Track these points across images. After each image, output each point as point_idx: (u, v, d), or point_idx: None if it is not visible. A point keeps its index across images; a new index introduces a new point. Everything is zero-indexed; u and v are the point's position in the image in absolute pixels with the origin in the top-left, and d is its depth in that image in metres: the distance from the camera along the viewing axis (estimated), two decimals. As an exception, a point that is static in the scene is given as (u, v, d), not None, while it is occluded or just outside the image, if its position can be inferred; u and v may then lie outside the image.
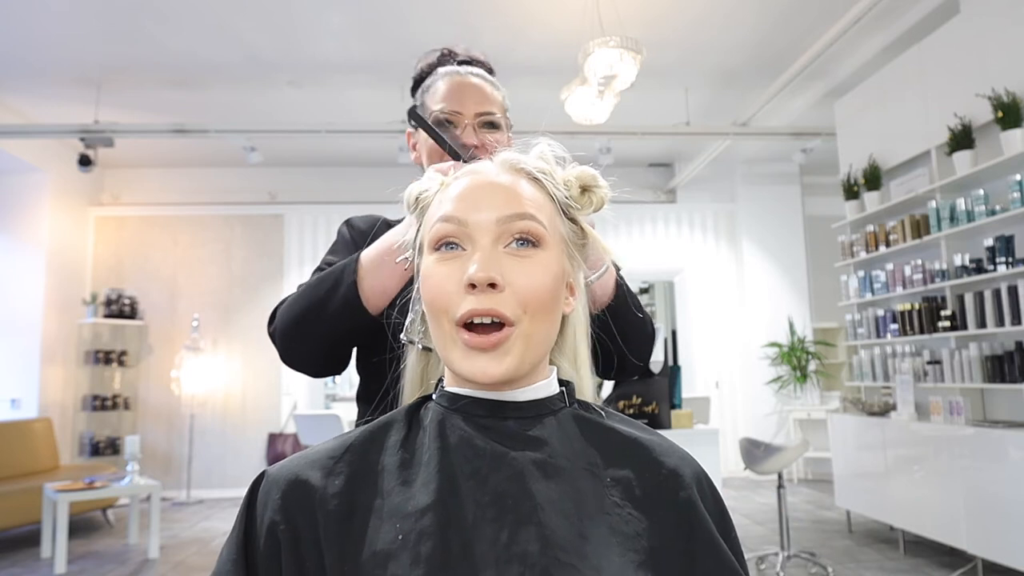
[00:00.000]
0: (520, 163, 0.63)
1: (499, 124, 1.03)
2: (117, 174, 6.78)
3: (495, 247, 0.58)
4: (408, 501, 0.54)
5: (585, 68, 3.64)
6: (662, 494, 0.57)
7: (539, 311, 0.58)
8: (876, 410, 4.23)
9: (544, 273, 0.59)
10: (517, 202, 0.59)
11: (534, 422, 0.59)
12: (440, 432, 0.59)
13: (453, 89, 1.02)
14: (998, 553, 3.17)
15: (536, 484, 0.55)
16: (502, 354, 0.56)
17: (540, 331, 0.59)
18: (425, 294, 0.59)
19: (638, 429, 0.63)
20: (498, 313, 0.56)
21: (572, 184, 0.65)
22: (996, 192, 3.62)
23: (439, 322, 0.58)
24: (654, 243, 7.01)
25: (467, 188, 0.61)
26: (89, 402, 6.09)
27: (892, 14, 4.25)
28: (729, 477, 6.45)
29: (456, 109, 1.01)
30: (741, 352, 6.83)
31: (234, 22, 4.26)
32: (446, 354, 0.58)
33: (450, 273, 0.58)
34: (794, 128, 5.75)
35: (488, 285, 0.56)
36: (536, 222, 0.59)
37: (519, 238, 0.59)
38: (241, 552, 0.55)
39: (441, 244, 0.59)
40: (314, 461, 0.58)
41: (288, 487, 0.55)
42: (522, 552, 0.51)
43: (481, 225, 0.58)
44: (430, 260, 0.60)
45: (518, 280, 0.57)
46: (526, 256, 0.58)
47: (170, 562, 4.11)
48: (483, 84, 1.04)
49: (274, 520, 0.54)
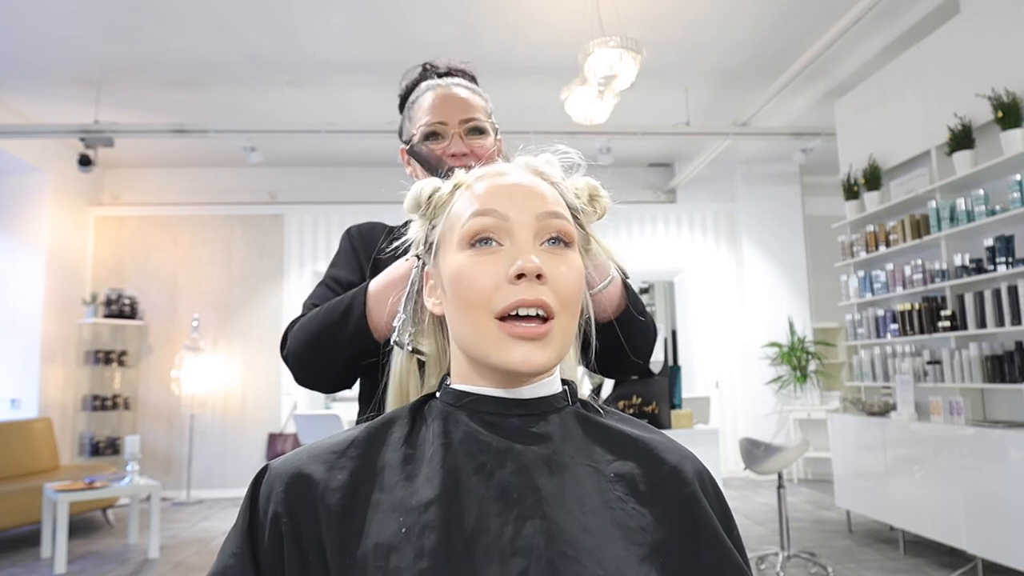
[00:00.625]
0: (540, 167, 0.65)
1: (485, 129, 1.05)
2: (117, 174, 6.78)
3: (534, 243, 0.59)
4: (411, 495, 0.54)
5: (585, 68, 3.64)
6: (665, 490, 0.58)
7: (573, 308, 0.59)
8: (876, 410, 4.23)
9: (576, 271, 0.60)
10: (549, 201, 0.61)
11: (539, 419, 0.60)
12: (444, 428, 0.59)
13: (436, 102, 1.04)
14: (998, 553, 3.17)
15: (541, 478, 0.56)
16: (545, 344, 0.57)
17: (571, 327, 0.60)
18: (460, 289, 0.59)
19: (640, 428, 0.64)
20: (545, 304, 0.56)
21: (582, 191, 0.67)
22: (996, 192, 3.62)
23: (474, 317, 0.58)
24: (654, 243, 7.01)
25: (498, 186, 0.61)
26: (89, 402, 6.10)
27: (892, 14, 4.25)
28: (729, 477, 6.44)
29: (441, 120, 1.03)
30: (741, 352, 6.83)
31: (234, 22, 4.26)
32: (479, 348, 0.58)
33: (488, 268, 0.58)
34: (794, 128, 5.75)
35: (536, 276, 0.56)
36: (568, 222, 0.61)
37: (552, 237, 0.60)
38: (246, 543, 0.55)
39: (476, 240, 0.59)
40: (317, 456, 0.58)
41: (291, 480, 0.56)
42: (527, 546, 0.52)
43: (521, 220, 0.59)
44: (462, 256, 0.59)
45: (557, 277, 0.58)
46: (560, 254, 0.60)
47: (170, 562, 4.11)
48: (465, 93, 1.06)
49: (277, 512, 0.54)
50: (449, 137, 1.03)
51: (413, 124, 1.06)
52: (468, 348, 0.60)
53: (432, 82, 1.08)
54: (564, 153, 0.68)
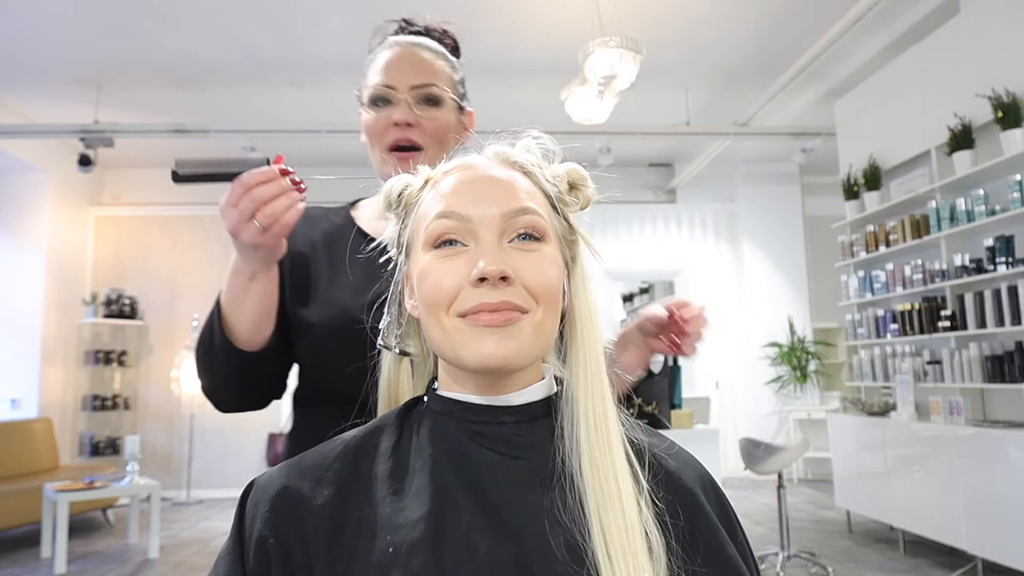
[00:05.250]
0: (512, 156, 0.62)
1: (439, 99, 0.92)
2: (117, 174, 6.77)
3: (500, 242, 0.56)
4: (399, 512, 0.53)
5: (585, 68, 3.64)
6: (664, 499, 0.56)
7: (551, 303, 0.56)
8: (876, 410, 4.23)
9: (551, 266, 0.57)
10: (518, 196, 0.58)
11: (529, 426, 0.58)
12: (432, 438, 0.57)
13: (391, 61, 0.92)
14: (998, 553, 3.17)
15: (530, 493, 0.54)
16: (512, 335, 0.54)
17: (549, 322, 0.57)
18: (424, 291, 0.57)
19: (640, 432, 0.61)
20: (510, 305, 0.54)
21: (561, 179, 0.63)
22: (996, 192, 3.62)
23: (438, 318, 0.56)
24: (654, 243, 7.00)
25: (464, 182, 0.59)
26: (89, 402, 6.09)
27: (892, 14, 4.25)
28: (729, 477, 6.44)
29: (389, 83, 0.90)
30: (741, 352, 6.83)
31: (234, 22, 4.26)
32: (448, 347, 0.56)
33: (452, 268, 0.55)
34: (794, 128, 5.75)
35: (500, 279, 0.54)
36: (539, 216, 0.58)
37: (523, 233, 0.57)
38: (238, 566, 0.53)
39: (440, 242, 0.57)
40: (304, 470, 0.56)
41: (276, 498, 0.54)
42: (518, 564, 0.50)
43: (484, 221, 0.56)
44: (427, 258, 0.57)
45: (527, 274, 0.55)
46: (532, 250, 0.57)
47: (170, 562, 4.11)
48: (428, 55, 0.93)
49: (263, 534, 0.52)
50: (396, 102, 0.90)
51: (364, 83, 0.94)
52: (439, 349, 0.57)
53: (394, 39, 0.95)
54: (539, 139, 0.64)
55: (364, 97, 0.93)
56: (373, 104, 0.92)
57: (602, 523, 0.52)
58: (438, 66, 0.94)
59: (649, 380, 3.61)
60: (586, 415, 0.56)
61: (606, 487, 0.54)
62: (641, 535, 0.52)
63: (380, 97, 0.91)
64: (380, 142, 0.93)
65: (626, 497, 0.54)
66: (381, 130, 0.91)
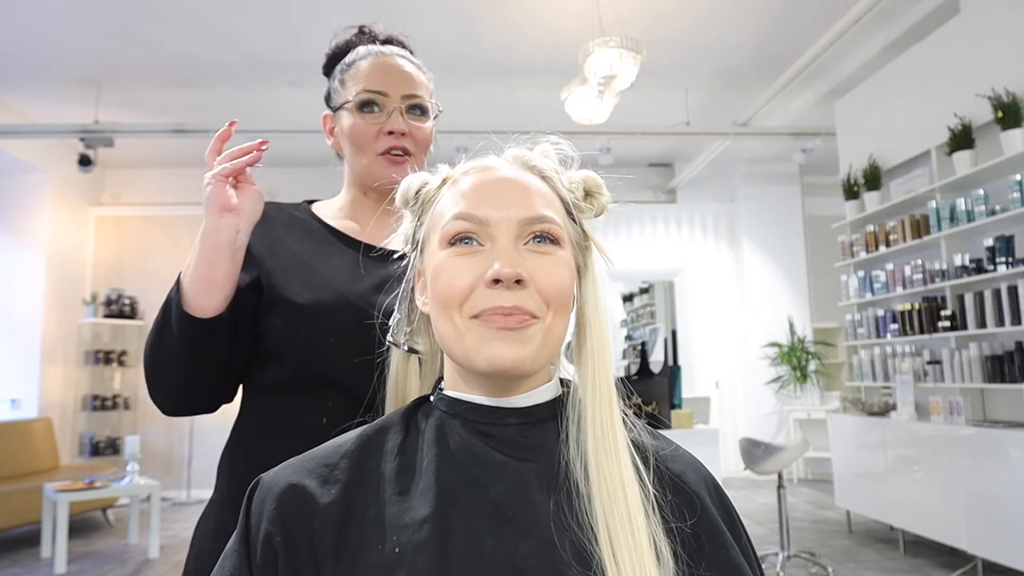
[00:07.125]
0: (532, 160, 0.63)
1: (427, 109, 0.96)
2: (117, 174, 6.78)
3: (516, 244, 0.57)
4: (405, 512, 0.53)
5: (585, 68, 3.64)
6: (668, 502, 0.56)
7: (561, 308, 0.57)
8: (876, 410, 4.23)
9: (565, 270, 0.58)
10: (535, 202, 0.58)
11: (535, 428, 0.58)
12: (438, 438, 0.57)
13: (378, 69, 0.94)
14: (998, 553, 3.17)
15: (537, 495, 0.54)
16: (522, 340, 0.55)
17: (559, 327, 0.57)
18: (438, 287, 0.57)
19: (644, 434, 0.62)
20: (523, 309, 0.54)
21: (577, 186, 0.64)
22: (996, 192, 3.62)
23: (450, 316, 0.56)
24: (654, 243, 7.00)
25: (482, 184, 0.59)
26: (89, 402, 6.09)
27: (892, 14, 4.25)
28: (729, 477, 6.44)
29: (382, 90, 0.93)
30: (741, 352, 6.83)
31: (234, 22, 4.26)
32: (459, 347, 0.56)
33: (467, 267, 0.56)
34: (794, 128, 5.75)
35: (515, 282, 0.54)
36: (555, 224, 0.58)
37: (539, 235, 0.58)
38: (244, 564, 0.53)
39: (457, 239, 0.57)
40: (310, 469, 0.56)
41: (283, 495, 0.54)
42: (523, 566, 0.50)
43: (501, 224, 0.57)
44: (442, 255, 0.58)
45: (541, 277, 0.56)
46: (547, 253, 0.57)
47: (170, 562, 4.11)
48: (410, 67, 0.97)
49: (270, 531, 0.53)
50: (388, 111, 0.93)
51: (347, 89, 0.96)
52: (449, 348, 0.58)
53: (373, 47, 0.98)
54: (557, 144, 0.65)
55: (352, 102, 0.94)
56: (361, 110, 0.94)
57: (609, 529, 0.52)
58: (422, 79, 0.98)
59: (649, 380, 3.63)
60: (593, 421, 0.57)
61: (612, 494, 0.54)
62: (649, 543, 0.52)
63: (372, 103, 0.94)
64: (371, 148, 0.94)
65: (632, 504, 0.54)
66: (374, 137, 0.93)
